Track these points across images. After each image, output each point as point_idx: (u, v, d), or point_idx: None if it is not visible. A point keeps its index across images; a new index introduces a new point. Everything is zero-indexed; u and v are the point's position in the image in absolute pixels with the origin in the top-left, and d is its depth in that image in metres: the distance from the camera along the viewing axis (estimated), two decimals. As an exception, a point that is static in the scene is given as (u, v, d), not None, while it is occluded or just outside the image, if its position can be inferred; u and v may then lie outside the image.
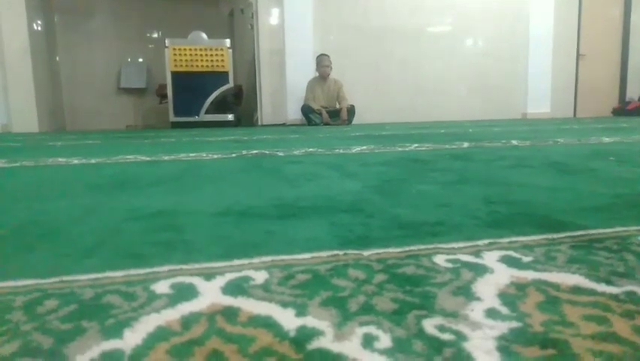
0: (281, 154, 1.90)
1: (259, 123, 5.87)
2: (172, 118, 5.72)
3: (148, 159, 1.86)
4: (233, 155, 1.92)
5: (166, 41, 5.70)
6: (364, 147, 2.13)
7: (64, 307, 0.42)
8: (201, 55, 5.67)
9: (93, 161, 1.81)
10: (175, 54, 5.61)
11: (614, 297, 0.41)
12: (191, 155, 1.95)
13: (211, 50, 5.70)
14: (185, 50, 5.64)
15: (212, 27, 6.84)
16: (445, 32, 6.39)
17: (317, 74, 5.59)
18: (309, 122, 5.45)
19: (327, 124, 5.37)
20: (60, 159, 1.90)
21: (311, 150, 2.07)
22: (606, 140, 2.34)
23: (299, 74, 5.64)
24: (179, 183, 1.18)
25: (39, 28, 5.87)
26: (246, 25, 6.32)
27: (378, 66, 6.13)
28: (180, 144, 2.70)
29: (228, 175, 1.35)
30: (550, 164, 1.44)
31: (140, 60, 7.55)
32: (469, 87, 6.49)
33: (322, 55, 5.56)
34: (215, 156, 1.88)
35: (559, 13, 6.61)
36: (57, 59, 6.77)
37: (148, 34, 7.60)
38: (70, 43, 7.02)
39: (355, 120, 5.62)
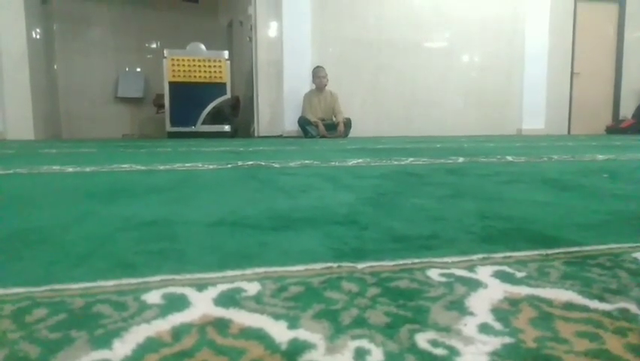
0: (277, 166, 1.90)
1: (256, 135, 5.88)
2: (168, 128, 5.73)
3: (143, 168, 1.85)
4: (229, 166, 1.91)
5: (164, 52, 5.73)
6: (360, 160, 2.13)
7: (54, 316, 0.41)
8: (199, 66, 5.71)
9: (88, 169, 1.80)
10: (173, 64, 5.64)
11: (607, 314, 0.41)
12: (186, 165, 1.94)
13: (209, 61, 5.74)
14: (183, 60, 5.67)
15: (211, 38, 6.89)
16: (442, 47, 6.47)
17: (314, 87, 5.62)
18: (306, 134, 5.46)
19: (323, 136, 5.38)
20: (54, 167, 1.89)
21: (307, 162, 2.07)
22: (600, 157, 2.36)
23: (296, 86, 5.68)
24: (174, 193, 1.18)
25: (37, 36, 5.88)
26: (245, 37, 6.37)
27: (376, 79, 6.19)
28: (176, 154, 2.70)
29: (223, 186, 1.35)
30: (544, 180, 1.44)
31: (138, 70, 7.58)
32: (465, 102, 6.55)
33: (318, 67, 5.61)
34: (211, 167, 1.88)
35: (554, 30, 6.71)
36: (55, 66, 6.78)
37: (146, 45, 7.64)
38: (69, 52, 7.05)
39: (351, 133, 5.64)
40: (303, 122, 5.49)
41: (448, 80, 6.46)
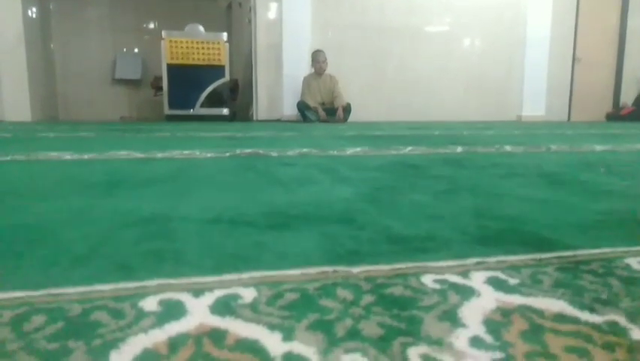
0: (275, 155, 1.90)
1: (254, 118, 5.85)
2: (166, 111, 5.70)
3: (141, 156, 1.85)
4: (227, 154, 1.91)
5: (162, 33, 5.66)
6: (358, 149, 2.13)
7: (52, 323, 0.42)
8: (198, 48, 5.64)
9: (86, 157, 1.80)
10: (171, 46, 5.58)
11: (597, 327, 0.42)
12: (184, 152, 1.94)
13: (208, 43, 5.67)
14: (181, 42, 5.60)
15: (210, 20, 6.80)
16: (443, 32, 6.40)
17: (312, 70, 5.58)
18: (305, 118, 5.44)
19: (323, 121, 5.36)
20: (52, 154, 1.89)
21: (305, 150, 2.07)
22: (598, 148, 2.36)
23: (296, 70, 5.63)
24: (172, 185, 1.18)
25: (34, 16, 5.80)
26: (244, 19, 6.29)
27: (376, 64, 6.13)
28: (174, 140, 2.69)
29: (221, 178, 1.35)
30: (541, 174, 1.45)
31: (136, 51, 7.50)
32: (465, 87, 6.51)
33: (318, 51, 5.54)
34: (209, 155, 1.88)
35: (556, 16, 6.63)
36: (52, 47, 6.71)
37: (144, 25, 7.55)
38: (66, 32, 6.96)
39: (351, 118, 5.62)
40: (302, 107, 5.46)
41: (449, 66, 6.41)
